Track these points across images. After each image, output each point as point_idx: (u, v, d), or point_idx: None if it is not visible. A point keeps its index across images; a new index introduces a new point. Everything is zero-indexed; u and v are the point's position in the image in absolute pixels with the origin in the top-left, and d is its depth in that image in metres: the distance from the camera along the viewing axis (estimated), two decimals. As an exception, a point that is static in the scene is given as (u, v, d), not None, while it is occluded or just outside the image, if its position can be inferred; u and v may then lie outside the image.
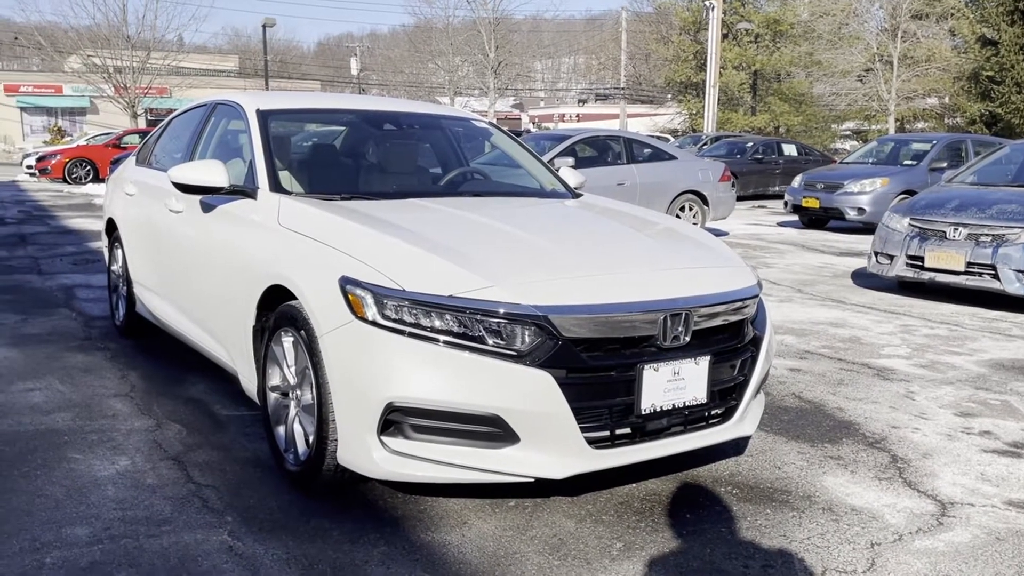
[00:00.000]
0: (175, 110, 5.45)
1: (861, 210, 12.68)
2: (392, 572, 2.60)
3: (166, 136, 5.27)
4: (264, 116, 4.04)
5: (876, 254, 7.93)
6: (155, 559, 2.63)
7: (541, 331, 2.73)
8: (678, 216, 10.94)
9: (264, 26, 29.83)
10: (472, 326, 2.73)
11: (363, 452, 2.80)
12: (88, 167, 21.35)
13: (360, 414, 2.78)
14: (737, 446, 3.70)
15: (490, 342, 2.72)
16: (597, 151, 10.95)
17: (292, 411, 3.20)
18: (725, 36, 31.19)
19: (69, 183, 21.24)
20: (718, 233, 12.39)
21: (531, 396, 2.71)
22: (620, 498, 3.18)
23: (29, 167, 22.94)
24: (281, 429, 3.28)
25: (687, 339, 2.97)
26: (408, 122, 4.62)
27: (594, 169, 10.45)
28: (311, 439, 3.03)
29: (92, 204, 15.70)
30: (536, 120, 59.77)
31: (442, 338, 2.72)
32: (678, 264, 3.29)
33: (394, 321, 2.74)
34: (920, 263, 7.39)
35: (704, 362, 3.00)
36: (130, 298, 5.17)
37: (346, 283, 2.86)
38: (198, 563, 2.62)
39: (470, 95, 40.43)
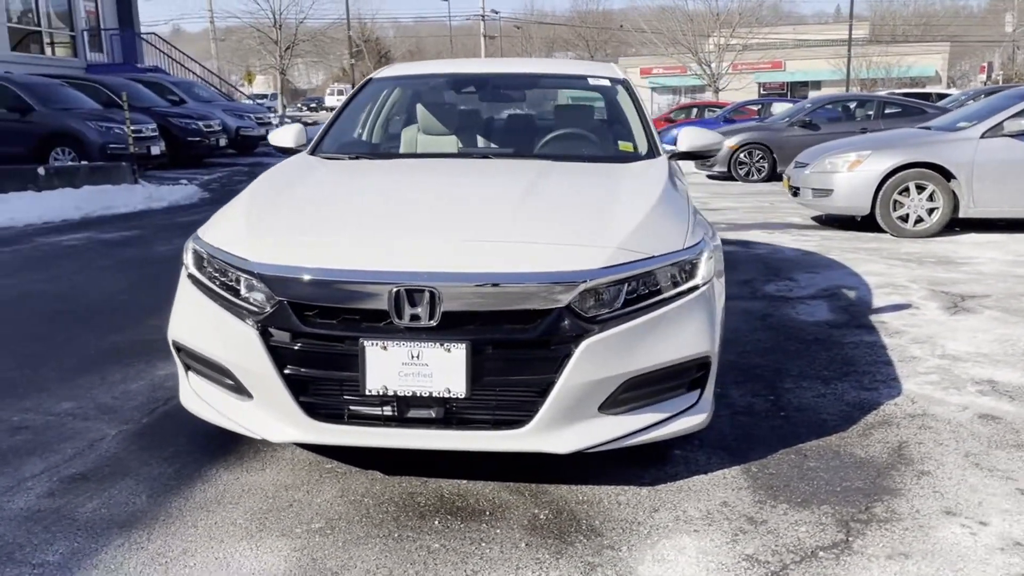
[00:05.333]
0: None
1: None
2: (117, 489, 2.91)
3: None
4: (365, 83, 4.43)
5: None
6: (52, 434, 3.39)
7: (263, 290, 2.71)
8: None
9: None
10: (218, 278, 2.84)
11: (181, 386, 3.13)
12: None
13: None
14: (670, 473, 2.98)
15: (228, 295, 2.80)
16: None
17: None
18: None
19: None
20: None
21: (244, 353, 2.72)
22: (430, 489, 2.90)
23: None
24: None
25: (433, 322, 2.57)
26: (501, 83, 4.48)
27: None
28: None
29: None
30: None
31: (206, 285, 2.89)
32: (498, 237, 2.78)
33: (192, 266, 3.00)
34: None
35: (459, 350, 2.56)
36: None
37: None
38: (63, 445, 3.29)
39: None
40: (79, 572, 2.39)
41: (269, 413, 2.77)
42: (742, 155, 14.30)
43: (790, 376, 4.07)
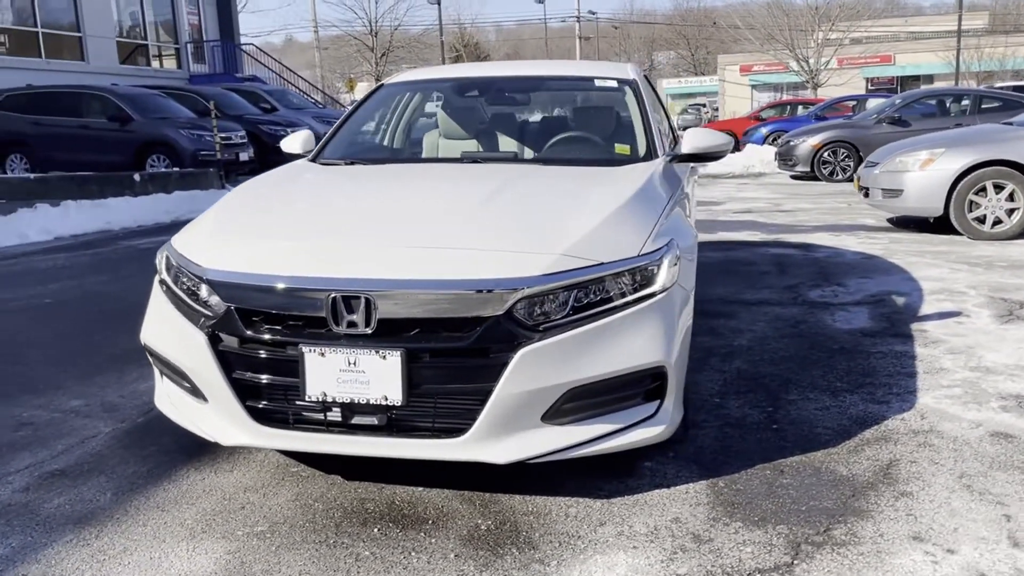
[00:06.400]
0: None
1: None
2: (87, 486, 3.03)
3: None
4: (376, 88, 4.48)
5: None
6: (50, 431, 3.55)
7: (214, 296, 2.76)
8: None
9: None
10: (178, 283, 2.92)
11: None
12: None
13: None
14: (630, 486, 2.88)
15: (188, 300, 2.87)
16: None
17: None
18: None
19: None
20: None
21: (195, 357, 2.78)
22: (383, 495, 2.90)
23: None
24: None
25: (369, 329, 2.57)
26: (508, 87, 4.42)
27: None
28: None
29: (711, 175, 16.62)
30: None
31: (172, 290, 2.97)
32: (442, 243, 2.74)
33: (163, 272, 3.09)
34: None
35: (394, 358, 2.55)
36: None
37: None
38: (56, 442, 3.45)
39: None
40: (22, 565, 2.49)
41: (221, 417, 2.82)
42: (826, 154, 13.77)
43: (798, 387, 3.88)
